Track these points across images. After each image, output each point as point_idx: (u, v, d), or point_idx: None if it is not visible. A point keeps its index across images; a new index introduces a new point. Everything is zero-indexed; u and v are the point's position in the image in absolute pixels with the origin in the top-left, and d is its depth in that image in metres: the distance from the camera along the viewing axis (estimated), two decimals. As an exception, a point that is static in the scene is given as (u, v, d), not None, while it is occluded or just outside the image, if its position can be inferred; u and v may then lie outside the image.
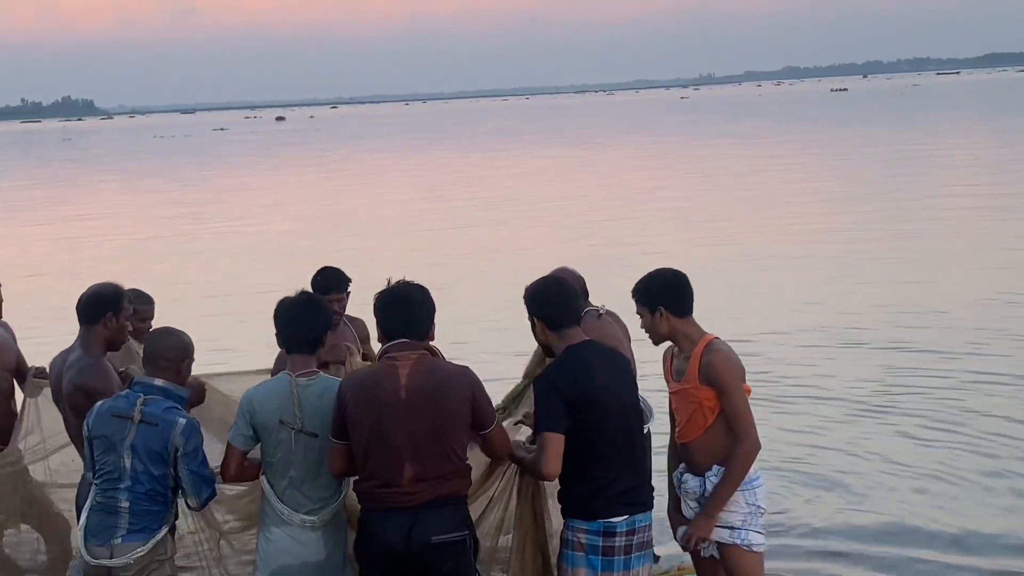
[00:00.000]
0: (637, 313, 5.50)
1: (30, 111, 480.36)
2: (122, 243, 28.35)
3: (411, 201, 35.39)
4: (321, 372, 5.28)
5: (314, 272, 6.71)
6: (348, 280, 6.81)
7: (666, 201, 30.64)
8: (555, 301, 5.35)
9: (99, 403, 5.31)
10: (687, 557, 6.01)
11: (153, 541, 5.15)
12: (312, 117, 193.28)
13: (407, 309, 5.06)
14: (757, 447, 5.41)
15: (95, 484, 5.24)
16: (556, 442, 5.04)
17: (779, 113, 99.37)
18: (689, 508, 5.51)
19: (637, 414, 5.38)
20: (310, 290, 5.78)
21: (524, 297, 5.45)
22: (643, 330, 5.53)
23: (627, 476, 5.25)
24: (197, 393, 5.79)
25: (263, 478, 5.16)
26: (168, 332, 5.47)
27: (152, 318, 6.95)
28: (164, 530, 5.22)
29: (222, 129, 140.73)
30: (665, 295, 5.41)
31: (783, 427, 10.23)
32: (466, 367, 5.23)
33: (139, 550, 5.11)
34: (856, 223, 23.53)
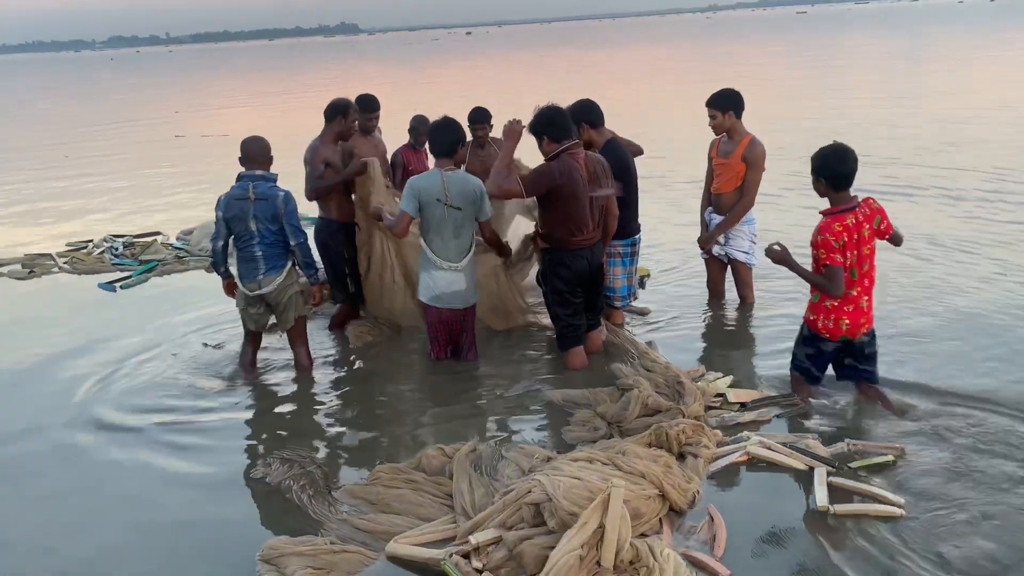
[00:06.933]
0: (710, 115, 5.35)
1: (320, 31, 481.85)
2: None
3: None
4: (457, 168, 4.81)
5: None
6: (490, 116, 6.10)
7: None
8: (596, 111, 5.17)
9: (225, 193, 4.82)
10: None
11: (284, 272, 4.89)
12: (488, 32, 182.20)
13: (566, 121, 4.73)
14: (751, 204, 5.46)
15: (235, 244, 4.86)
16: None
17: (795, 26, 79.47)
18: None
19: (636, 179, 5.24)
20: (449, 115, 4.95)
21: (571, 110, 4.98)
22: (711, 126, 5.41)
23: (635, 212, 5.30)
24: (360, 168, 5.33)
25: (422, 241, 4.80)
26: (255, 139, 4.86)
27: (377, 120, 6.04)
28: (289, 265, 4.91)
29: (435, 40, 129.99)
30: (733, 103, 5.35)
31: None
32: (600, 155, 4.94)
33: (276, 279, 4.87)
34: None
